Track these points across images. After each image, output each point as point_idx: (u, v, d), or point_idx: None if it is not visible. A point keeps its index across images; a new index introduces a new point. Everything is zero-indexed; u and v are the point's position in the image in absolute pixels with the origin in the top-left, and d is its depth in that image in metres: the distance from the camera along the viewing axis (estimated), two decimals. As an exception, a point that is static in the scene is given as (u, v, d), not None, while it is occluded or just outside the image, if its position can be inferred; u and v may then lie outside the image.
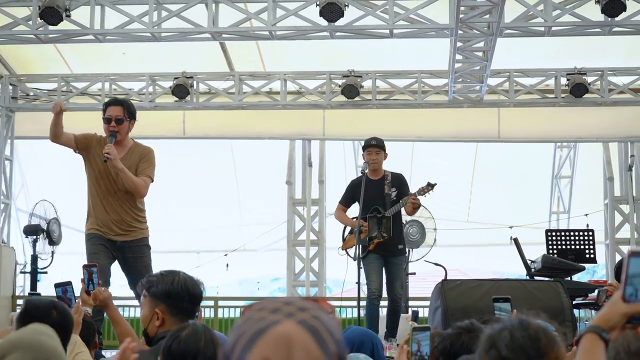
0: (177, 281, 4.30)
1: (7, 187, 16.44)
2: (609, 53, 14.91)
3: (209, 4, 12.59)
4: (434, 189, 10.34)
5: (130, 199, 8.52)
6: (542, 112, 16.29)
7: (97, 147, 8.61)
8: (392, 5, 12.26)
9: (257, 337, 1.68)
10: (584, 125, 16.84)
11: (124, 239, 8.48)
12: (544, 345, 2.66)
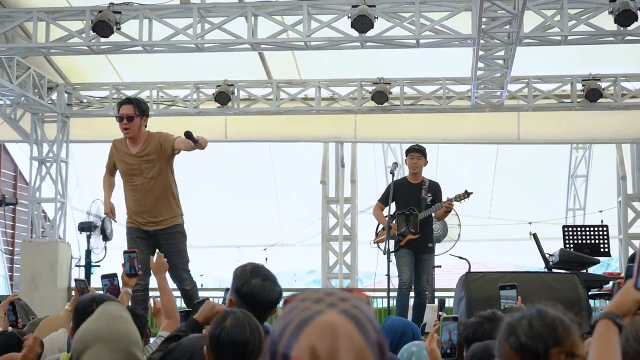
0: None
1: (63, 187, 16.56)
2: (622, 60, 14.82)
3: (249, 17, 12.61)
4: (470, 197, 10.35)
5: (159, 192, 8.48)
6: (559, 115, 16.22)
7: (117, 151, 8.69)
8: (418, 17, 12.24)
9: (303, 326, 1.69)
10: (598, 128, 16.75)
11: (156, 228, 8.48)
12: (560, 333, 2.66)
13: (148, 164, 8.44)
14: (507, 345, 2.70)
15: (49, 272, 15.43)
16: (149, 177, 8.45)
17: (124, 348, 2.91)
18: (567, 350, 2.63)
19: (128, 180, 8.55)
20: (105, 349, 2.90)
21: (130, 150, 8.53)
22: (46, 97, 16.11)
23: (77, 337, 2.97)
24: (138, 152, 8.48)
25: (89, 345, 2.91)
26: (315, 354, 1.65)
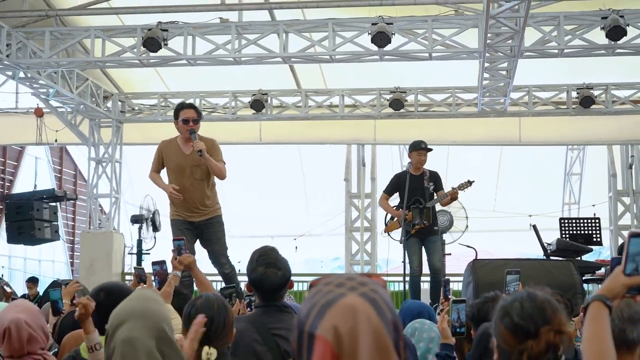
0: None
1: (117, 184, 16.65)
2: (612, 71, 14.73)
3: (280, 34, 12.63)
4: (472, 185, 10.32)
5: (200, 187, 8.46)
6: (556, 120, 16.16)
7: (168, 151, 8.64)
8: (430, 33, 12.22)
9: (327, 307, 1.68)
10: (591, 131, 16.70)
11: (200, 219, 8.46)
12: (548, 313, 2.65)
13: (197, 166, 8.41)
14: (502, 325, 2.70)
15: (105, 259, 15.52)
16: (196, 177, 8.44)
17: (154, 324, 2.94)
18: (555, 328, 2.62)
19: (177, 178, 8.50)
20: (138, 324, 2.92)
21: (183, 150, 8.48)
22: (102, 105, 16.19)
23: (114, 314, 3.00)
24: (191, 154, 8.40)
25: (124, 321, 2.94)
26: (338, 333, 1.65)
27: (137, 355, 2.87)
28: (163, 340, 2.95)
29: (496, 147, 18.06)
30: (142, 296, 3.07)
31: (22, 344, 3.61)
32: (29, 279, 14.82)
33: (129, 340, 2.89)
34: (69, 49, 13.65)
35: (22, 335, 3.61)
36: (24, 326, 3.61)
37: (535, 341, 2.61)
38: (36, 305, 3.89)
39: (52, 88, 14.48)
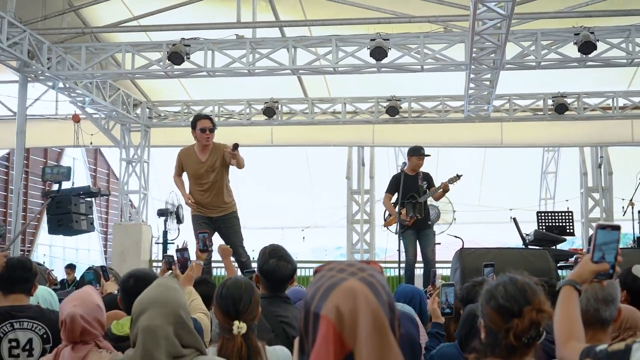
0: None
1: (145, 182, 16.68)
2: (584, 81, 14.72)
3: (290, 49, 12.63)
4: (460, 179, 10.35)
5: (217, 187, 8.57)
6: (534, 125, 16.15)
7: (187, 159, 8.73)
8: (422, 48, 12.23)
9: (330, 290, 1.68)
10: (565, 135, 16.71)
11: (218, 215, 8.57)
12: (529, 294, 2.66)
13: (213, 171, 8.53)
14: (489, 307, 2.70)
15: (135, 248, 15.55)
16: (212, 180, 8.55)
17: (172, 311, 2.95)
18: (536, 307, 2.62)
19: (196, 181, 8.64)
20: (158, 311, 2.94)
21: (200, 158, 8.59)
22: (132, 111, 16.22)
23: (136, 302, 3.02)
24: (206, 161, 8.55)
25: (146, 308, 2.95)
26: (340, 312, 1.65)
27: (157, 341, 2.88)
28: (180, 325, 2.96)
29: (480, 149, 18.07)
30: (162, 285, 3.08)
31: (76, 335, 3.62)
32: (67, 266, 14.87)
33: (150, 328, 2.91)
34: (103, 62, 13.68)
35: (75, 329, 3.61)
36: (78, 320, 3.61)
37: (519, 320, 2.61)
38: (97, 296, 3.87)
39: (87, 97, 14.50)
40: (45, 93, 16.40)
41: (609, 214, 16.64)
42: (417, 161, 10.33)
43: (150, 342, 2.89)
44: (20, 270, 4.61)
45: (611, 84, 15.12)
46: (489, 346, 2.69)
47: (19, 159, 13.32)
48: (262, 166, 18.24)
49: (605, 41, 11.97)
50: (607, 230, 2.73)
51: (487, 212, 18.41)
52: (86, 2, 13.58)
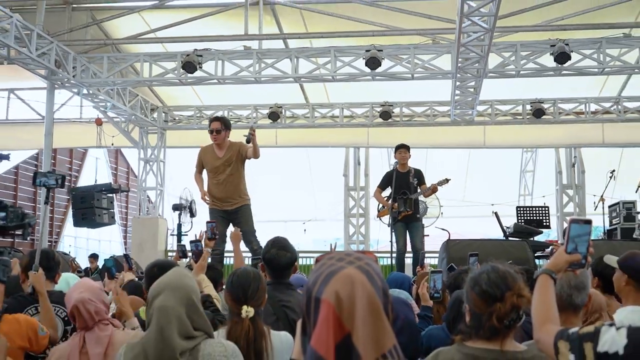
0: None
1: (162, 180, 16.68)
2: (559, 88, 14.71)
3: (292, 58, 12.63)
4: (449, 182, 10.33)
5: (232, 181, 8.52)
6: (514, 128, 16.15)
7: (205, 155, 8.72)
8: (413, 58, 12.23)
9: (330, 277, 1.69)
10: (542, 137, 16.70)
11: (231, 208, 8.51)
12: (510, 281, 2.66)
13: (229, 166, 8.49)
14: (474, 293, 2.70)
15: (152, 239, 15.56)
16: (228, 173, 8.51)
17: (184, 295, 2.97)
18: (516, 293, 2.63)
19: (213, 176, 8.60)
20: (171, 294, 2.96)
21: (217, 154, 8.57)
22: (149, 115, 16.22)
23: (152, 287, 3.05)
24: (223, 158, 8.53)
25: (161, 291, 2.97)
26: (339, 297, 1.66)
27: (170, 320, 2.90)
28: (191, 308, 2.97)
29: (465, 150, 18.06)
30: (176, 272, 3.10)
31: (92, 316, 3.63)
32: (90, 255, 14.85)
33: (163, 308, 2.92)
34: (123, 71, 13.67)
35: (89, 310, 3.63)
36: (89, 302, 3.63)
37: (501, 304, 2.61)
38: (93, 281, 3.90)
39: (109, 102, 14.50)
40: (70, 99, 16.39)
41: (582, 209, 16.66)
42: (399, 155, 10.25)
43: (164, 321, 2.90)
44: (45, 260, 4.65)
45: (584, 91, 15.11)
46: (474, 328, 2.69)
47: (46, 158, 13.35)
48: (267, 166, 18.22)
49: (579, 52, 11.98)
50: (579, 224, 2.74)
51: (471, 207, 18.44)
52: (108, 16, 13.60)
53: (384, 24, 12.68)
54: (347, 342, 1.63)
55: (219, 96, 16.19)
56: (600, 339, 2.11)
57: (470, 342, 2.68)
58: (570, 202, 17.06)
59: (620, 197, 13.41)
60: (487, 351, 2.63)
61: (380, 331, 1.65)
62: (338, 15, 12.76)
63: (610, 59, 12.05)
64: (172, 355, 2.86)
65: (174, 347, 2.86)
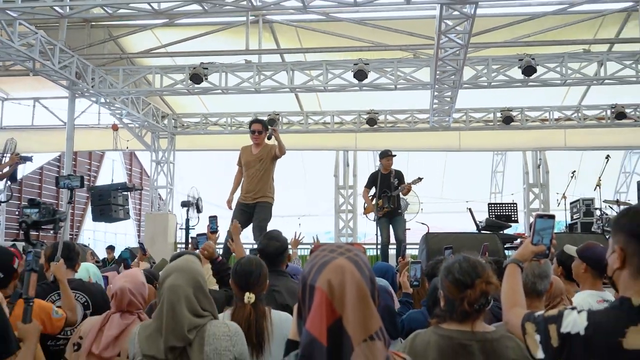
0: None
1: (171, 179, 16.65)
2: (526, 97, 14.75)
3: (288, 71, 12.64)
4: (422, 181, 10.33)
5: (260, 176, 8.41)
6: (486, 133, 16.19)
7: (244, 152, 8.63)
8: (396, 71, 12.25)
9: (323, 266, 1.70)
10: (511, 141, 16.76)
11: (252, 202, 8.36)
12: (479, 270, 2.67)
13: (260, 162, 8.41)
14: (447, 280, 2.72)
15: (163, 233, 15.53)
16: (258, 168, 8.42)
17: (192, 277, 2.98)
18: (485, 280, 2.64)
19: (246, 170, 8.49)
20: (180, 276, 2.97)
21: (252, 152, 8.50)
22: (160, 122, 16.18)
23: (163, 270, 3.07)
24: (256, 154, 8.46)
25: (170, 273, 2.99)
26: (331, 285, 1.66)
27: (179, 297, 2.91)
28: (198, 289, 2.98)
29: (442, 152, 18.08)
30: (184, 258, 3.12)
31: (124, 304, 3.66)
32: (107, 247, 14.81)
33: (173, 287, 2.93)
34: (136, 82, 13.66)
35: (124, 300, 3.65)
36: (127, 293, 3.65)
37: (472, 290, 2.63)
38: (143, 277, 3.89)
39: (124, 110, 14.48)
40: (89, 107, 16.35)
41: (546, 206, 16.72)
42: (386, 162, 10.28)
43: (174, 298, 2.90)
44: (66, 250, 4.67)
45: (548, 100, 15.17)
46: (448, 312, 2.70)
47: (68, 160, 13.32)
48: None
49: (544, 65, 12.03)
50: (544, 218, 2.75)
51: (448, 204, 18.45)
52: (123, 32, 13.58)
53: (370, 40, 12.72)
54: (338, 325, 1.63)
55: (223, 104, 16.17)
56: (564, 321, 2.11)
57: (445, 325, 2.70)
58: (536, 199, 17.11)
59: (580, 194, 13.46)
60: (459, 332, 2.64)
61: (368, 315, 1.65)
62: (329, 33, 12.79)
63: (571, 71, 12.10)
64: (181, 329, 2.86)
65: (184, 322, 2.87)
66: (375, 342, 1.64)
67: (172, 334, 2.86)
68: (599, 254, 3.84)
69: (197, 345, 2.88)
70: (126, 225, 22.06)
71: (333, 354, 1.62)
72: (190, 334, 2.87)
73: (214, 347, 2.91)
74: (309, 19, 12.82)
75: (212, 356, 2.90)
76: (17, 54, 10.84)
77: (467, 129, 15.70)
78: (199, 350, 2.87)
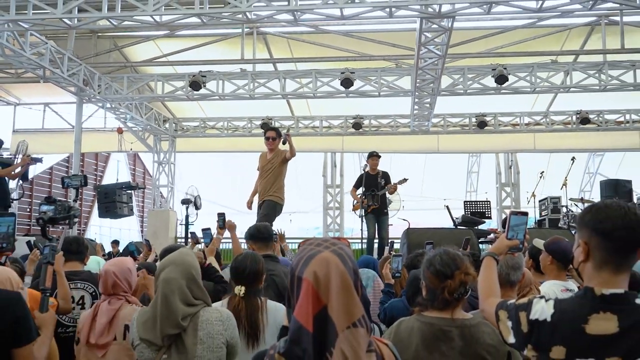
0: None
1: (172, 179, 16.59)
2: (499, 104, 14.82)
3: (281, 79, 12.62)
4: (407, 181, 10.35)
5: (271, 178, 8.41)
6: (462, 137, 16.22)
7: (261, 157, 8.66)
8: (379, 79, 12.26)
9: (310, 259, 1.70)
10: (485, 144, 16.80)
11: (262, 200, 8.41)
12: (458, 262, 2.70)
13: (271, 164, 8.43)
14: (429, 272, 2.74)
15: (164, 229, 15.46)
16: (269, 171, 8.44)
17: (185, 269, 2.99)
18: (464, 271, 2.67)
19: (261, 172, 8.54)
20: (174, 268, 2.97)
21: (267, 157, 8.54)
22: (162, 125, 16.11)
23: (159, 264, 3.08)
24: (269, 158, 8.49)
25: (165, 267, 2.99)
26: (317, 276, 1.66)
27: (172, 289, 2.92)
28: (191, 280, 2.98)
29: (422, 154, 18.09)
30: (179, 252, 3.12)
31: (108, 286, 3.64)
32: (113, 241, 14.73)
33: (167, 279, 2.94)
34: (140, 89, 13.59)
35: (108, 281, 3.64)
36: (111, 275, 3.64)
37: (452, 280, 2.65)
38: (130, 263, 3.87)
39: (128, 114, 14.41)
40: (96, 111, 16.26)
41: (517, 203, 16.77)
42: (372, 162, 10.31)
43: (168, 290, 2.91)
44: (76, 245, 4.67)
45: (519, 106, 15.23)
46: (429, 301, 2.72)
47: (76, 161, 13.24)
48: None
49: (515, 75, 12.08)
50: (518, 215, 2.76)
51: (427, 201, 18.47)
52: (127, 43, 13.53)
53: (356, 51, 12.73)
54: (323, 313, 1.63)
55: (220, 110, 16.13)
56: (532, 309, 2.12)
57: (427, 313, 2.72)
58: (508, 197, 17.16)
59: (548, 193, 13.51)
60: (440, 319, 2.66)
61: (351, 304, 1.65)
62: (318, 44, 12.79)
63: (540, 80, 12.16)
64: (175, 318, 2.87)
65: (177, 311, 2.88)
66: (358, 329, 1.64)
67: (167, 323, 2.88)
68: (563, 248, 3.89)
69: (191, 330, 2.90)
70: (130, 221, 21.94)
71: (318, 339, 1.62)
72: (184, 321, 2.89)
73: (207, 331, 2.93)
74: (300, 31, 12.82)
75: (206, 340, 2.91)
76: (28, 62, 10.77)
77: (445, 132, 15.73)
78: (193, 335, 2.89)
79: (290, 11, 9.01)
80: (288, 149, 8.36)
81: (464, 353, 2.58)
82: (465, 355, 2.58)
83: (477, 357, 2.59)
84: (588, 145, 16.71)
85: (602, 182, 13.21)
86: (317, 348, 1.62)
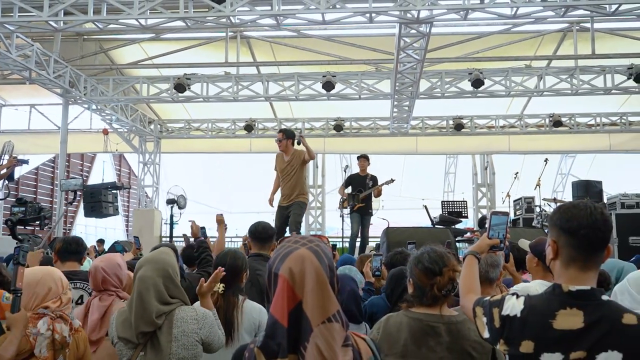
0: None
1: (157, 179, 16.48)
2: (475, 106, 14.89)
3: (264, 82, 12.59)
4: (394, 182, 10.41)
5: (292, 179, 8.45)
6: (440, 139, 16.30)
7: (278, 159, 8.70)
8: (360, 82, 12.28)
9: (286, 256, 1.69)
10: (462, 146, 16.89)
11: (287, 203, 8.46)
12: (446, 259, 2.72)
13: (291, 167, 8.46)
14: (417, 269, 2.75)
15: (149, 228, 15.33)
16: (290, 173, 8.47)
17: (162, 267, 2.97)
18: (452, 268, 2.70)
19: (282, 176, 8.57)
20: (151, 267, 2.95)
21: (284, 159, 8.57)
22: (147, 127, 16.00)
23: (138, 262, 3.06)
24: (287, 160, 8.52)
25: (142, 265, 2.97)
26: (292, 272, 1.65)
27: (148, 287, 2.91)
28: (168, 279, 2.97)
29: (402, 155, 18.14)
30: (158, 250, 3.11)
31: (98, 282, 3.62)
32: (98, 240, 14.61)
33: (143, 278, 2.93)
34: (125, 91, 13.48)
35: (97, 277, 3.61)
36: (100, 271, 3.61)
37: (441, 277, 2.68)
38: (120, 259, 3.82)
39: (114, 116, 14.30)
40: (82, 113, 16.09)
41: (493, 203, 16.89)
42: (360, 163, 10.48)
43: (143, 288, 2.90)
44: (74, 245, 4.63)
45: (494, 109, 15.34)
46: (417, 297, 2.74)
47: (62, 162, 13.11)
48: (244, 168, 18.10)
49: (490, 79, 12.16)
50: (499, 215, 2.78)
51: (406, 201, 18.54)
52: (113, 45, 13.41)
53: (337, 55, 12.74)
54: (298, 308, 1.63)
55: (204, 112, 16.04)
56: (504, 305, 2.14)
57: (415, 309, 2.73)
58: (484, 197, 17.26)
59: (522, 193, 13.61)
60: (428, 315, 2.69)
61: (326, 299, 1.65)
62: (301, 48, 12.77)
63: (514, 84, 12.25)
64: (149, 316, 2.86)
65: (151, 309, 2.87)
66: (333, 324, 1.63)
67: (141, 320, 2.86)
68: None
69: (165, 328, 2.89)
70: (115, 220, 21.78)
71: (292, 334, 1.62)
72: (159, 319, 2.88)
73: (181, 329, 2.91)
74: (283, 35, 12.79)
75: (180, 337, 2.90)
76: (14, 64, 10.63)
77: (423, 134, 15.80)
78: (167, 332, 2.88)
79: (273, 16, 9.00)
80: (305, 150, 8.37)
81: (450, 348, 2.61)
82: (452, 351, 2.61)
83: (463, 353, 2.62)
84: (560, 147, 16.87)
85: (574, 182, 13.33)
86: (291, 342, 1.61)
